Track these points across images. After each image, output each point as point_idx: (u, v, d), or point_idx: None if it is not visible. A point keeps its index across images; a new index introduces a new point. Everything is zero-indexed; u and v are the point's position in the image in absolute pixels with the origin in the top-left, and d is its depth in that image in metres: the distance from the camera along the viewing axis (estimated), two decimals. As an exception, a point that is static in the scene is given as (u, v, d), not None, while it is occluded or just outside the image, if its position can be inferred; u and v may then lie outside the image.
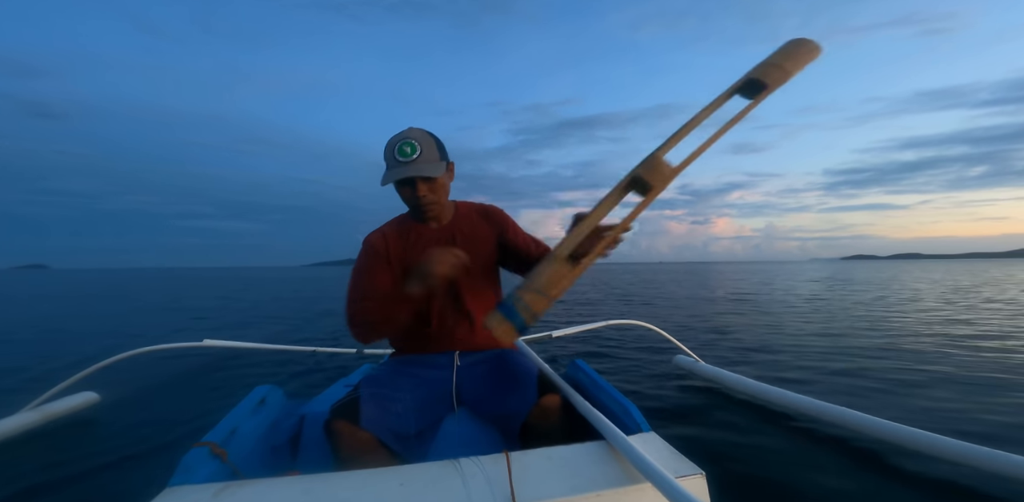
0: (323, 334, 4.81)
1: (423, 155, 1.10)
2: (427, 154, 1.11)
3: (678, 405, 2.21)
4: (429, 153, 1.12)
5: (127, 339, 4.59)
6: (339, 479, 0.74)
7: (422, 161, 1.10)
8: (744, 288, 11.93)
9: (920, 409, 2.13)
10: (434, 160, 1.13)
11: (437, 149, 1.14)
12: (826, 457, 1.63)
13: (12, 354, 3.86)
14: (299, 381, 2.81)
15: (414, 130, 1.14)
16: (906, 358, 3.24)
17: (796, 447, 1.72)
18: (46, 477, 1.51)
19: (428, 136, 1.14)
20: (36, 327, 5.62)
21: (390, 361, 1.29)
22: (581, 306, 7.77)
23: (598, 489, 0.70)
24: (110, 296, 11.96)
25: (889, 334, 4.32)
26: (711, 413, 2.08)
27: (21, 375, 3.06)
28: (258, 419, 1.16)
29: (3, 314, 7.22)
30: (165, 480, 0.77)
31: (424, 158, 1.11)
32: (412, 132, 1.13)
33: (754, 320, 5.51)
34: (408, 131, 1.14)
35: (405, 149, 1.10)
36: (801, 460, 1.60)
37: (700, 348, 3.39)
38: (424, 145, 1.11)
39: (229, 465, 0.88)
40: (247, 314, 7.25)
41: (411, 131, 1.14)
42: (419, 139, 1.11)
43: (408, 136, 1.12)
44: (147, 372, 2.97)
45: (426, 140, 1.12)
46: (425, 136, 1.13)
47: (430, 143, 1.13)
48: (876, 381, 2.63)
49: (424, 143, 1.11)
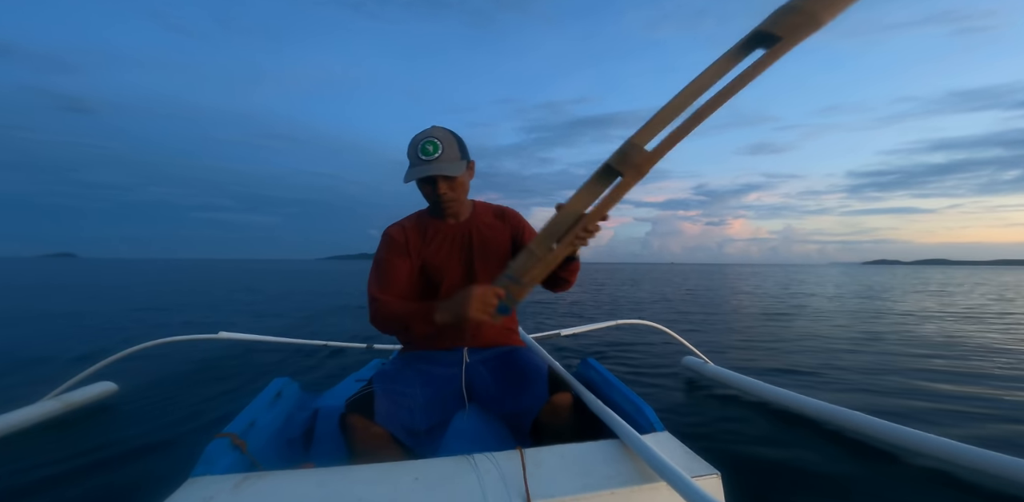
0: (335, 328, 4.87)
1: (445, 153, 1.13)
2: (448, 153, 1.14)
3: (687, 406, 2.20)
4: (451, 152, 1.14)
5: (147, 329, 4.68)
6: (354, 472, 0.75)
7: (444, 160, 1.13)
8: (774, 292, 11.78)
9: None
10: (455, 159, 1.15)
11: (459, 148, 1.17)
12: (842, 462, 1.61)
13: (36, 342, 3.97)
14: (311, 374, 2.86)
15: (437, 129, 1.16)
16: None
17: (809, 451, 1.70)
18: (68, 466, 1.54)
19: (450, 135, 1.16)
20: (59, 316, 5.76)
21: (400, 357, 1.30)
22: (590, 306, 7.76)
23: (612, 487, 0.70)
24: (132, 286, 12.21)
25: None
26: (720, 414, 2.06)
27: (44, 363, 3.15)
28: (275, 412, 1.18)
29: (30, 303, 7.40)
30: (186, 470, 0.79)
31: (446, 157, 1.13)
32: (435, 131, 1.15)
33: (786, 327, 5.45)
34: (432, 129, 1.16)
35: (428, 147, 1.12)
36: (815, 465, 1.58)
37: (711, 351, 3.37)
38: (446, 144, 1.14)
39: (248, 457, 0.90)
40: (261, 307, 7.36)
41: (434, 130, 1.16)
42: (441, 138, 1.14)
43: (431, 135, 1.14)
44: (164, 363, 3.03)
45: (448, 139, 1.15)
46: (447, 135, 1.16)
47: (452, 142, 1.15)
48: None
49: (446, 142, 1.14)
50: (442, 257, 1.27)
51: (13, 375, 2.85)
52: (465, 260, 1.29)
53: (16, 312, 6.26)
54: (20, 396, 1.98)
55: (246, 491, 0.70)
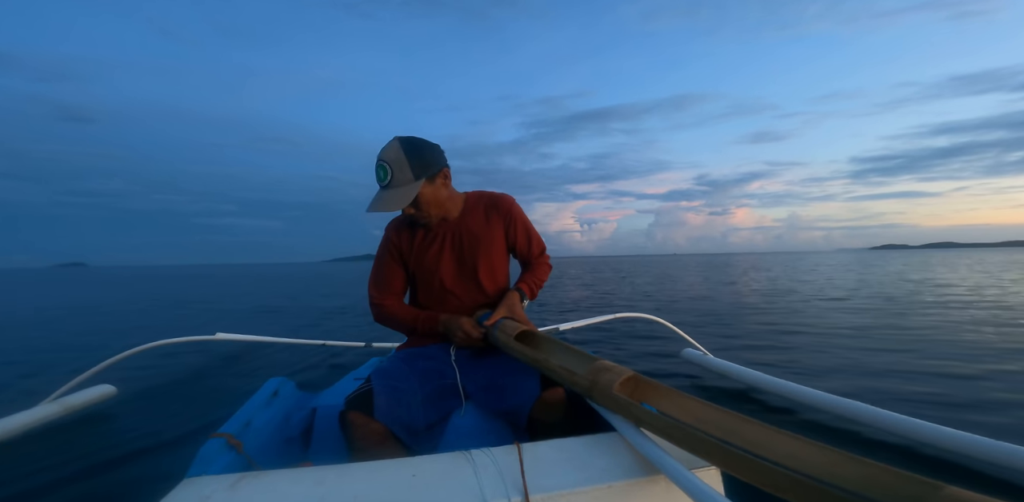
0: (334, 327, 4.87)
1: (394, 179, 1.09)
2: (399, 177, 1.09)
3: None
4: (401, 175, 1.10)
5: (149, 333, 4.68)
6: (352, 470, 0.75)
7: (394, 186, 1.10)
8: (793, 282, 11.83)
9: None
10: (407, 182, 1.10)
11: (411, 168, 1.10)
12: (843, 447, 1.62)
13: (37, 348, 3.96)
14: (309, 373, 2.85)
15: (391, 148, 1.11)
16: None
17: (811, 437, 1.70)
18: (67, 469, 1.55)
19: (402, 155, 1.10)
20: (61, 321, 5.74)
21: (397, 354, 1.30)
22: (587, 300, 7.77)
23: (610, 481, 0.69)
24: (135, 292, 12.28)
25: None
26: (719, 403, 2.06)
27: (45, 368, 3.14)
28: (271, 411, 1.18)
29: (35, 311, 7.38)
30: (183, 471, 0.79)
31: (396, 182, 1.10)
32: (387, 152, 1.10)
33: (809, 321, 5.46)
34: (385, 149, 1.11)
35: (379, 173, 1.11)
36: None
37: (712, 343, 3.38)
38: (396, 167, 1.09)
39: (244, 456, 0.89)
40: (261, 309, 7.36)
41: (387, 150, 1.11)
42: (392, 161, 1.09)
43: (382, 158, 1.10)
44: (161, 365, 3.03)
45: (399, 161, 1.09)
46: (398, 156, 1.10)
47: (402, 164, 1.09)
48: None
49: (396, 165, 1.09)
50: (432, 256, 1.27)
51: (12, 380, 2.85)
52: (457, 258, 1.28)
53: (21, 320, 6.25)
54: (20, 400, 1.97)
55: (243, 490, 0.69)
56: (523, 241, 1.36)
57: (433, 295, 1.30)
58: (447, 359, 1.22)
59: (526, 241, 1.37)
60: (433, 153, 1.15)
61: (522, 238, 1.35)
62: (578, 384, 0.93)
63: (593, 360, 0.98)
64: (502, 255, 1.34)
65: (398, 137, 1.13)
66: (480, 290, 1.30)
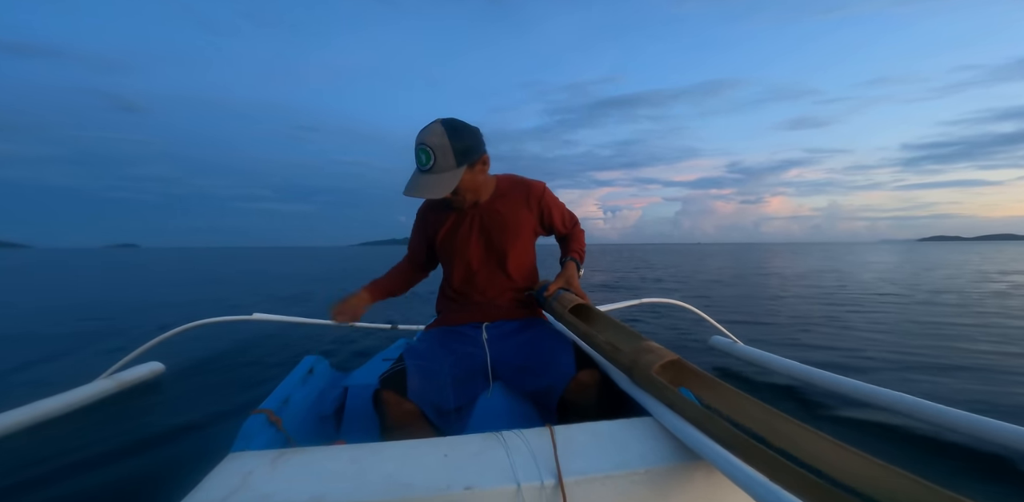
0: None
1: (437, 164, 1.06)
2: (441, 163, 1.06)
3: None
4: (444, 161, 1.06)
5: (191, 310, 4.93)
6: (385, 449, 0.76)
7: (436, 170, 1.07)
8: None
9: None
10: (449, 168, 1.08)
11: (454, 154, 1.07)
12: (884, 443, 1.55)
13: (91, 327, 4.24)
14: (340, 353, 2.97)
15: (434, 131, 1.07)
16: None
17: (848, 430, 1.65)
18: (121, 441, 1.65)
19: (445, 140, 1.06)
20: (116, 302, 6.12)
21: (426, 334, 1.31)
22: (616, 285, 7.68)
23: (647, 465, 0.68)
24: (182, 272, 13.17)
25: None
26: (751, 394, 2.01)
27: (103, 341, 3.37)
28: (307, 389, 1.21)
29: (91, 291, 7.90)
30: (227, 445, 0.82)
31: (438, 167, 1.07)
32: (431, 136, 1.06)
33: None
34: (428, 132, 1.07)
35: (421, 156, 1.08)
36: (855, 444, 1.53)
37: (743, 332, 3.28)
38: (439, 153, 1.06)
39: (283, 433, 0.92)
40: (297, 290, 7.64)
41: (431, 133, 1.07)
42: (436, 146, 1.06)
43: (424, 141, 1.06)
44: (205, 343, 3.19)
45: (443, 146, 1.06)
46: (442, 141, 1.06)
47: (446, 150, 1.06)
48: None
49: (440, 150, 1.06)
50: (461, 238, 1.28)
51: (72, 356, 3.07)
52: (486, 242, 1.28)
53: (76, 299, 6.70)
54: (78, 375, 2.12)
55: (283, 466, 0.71)
56: (559, 222, 1.39)
57: (461, 276, 1.32)
58: (479, 338, 1.22)
59: (561, 221, 1.40)
60: (475, 138, 1.12)
61: (558, 220, 1.38)
62: (619, 362, 0.91)
63: (640, 340, 0.95)
64: (530, 241, 1.35)
65: (440, 120, 1.10)
66: (505, 274, 1.31)
